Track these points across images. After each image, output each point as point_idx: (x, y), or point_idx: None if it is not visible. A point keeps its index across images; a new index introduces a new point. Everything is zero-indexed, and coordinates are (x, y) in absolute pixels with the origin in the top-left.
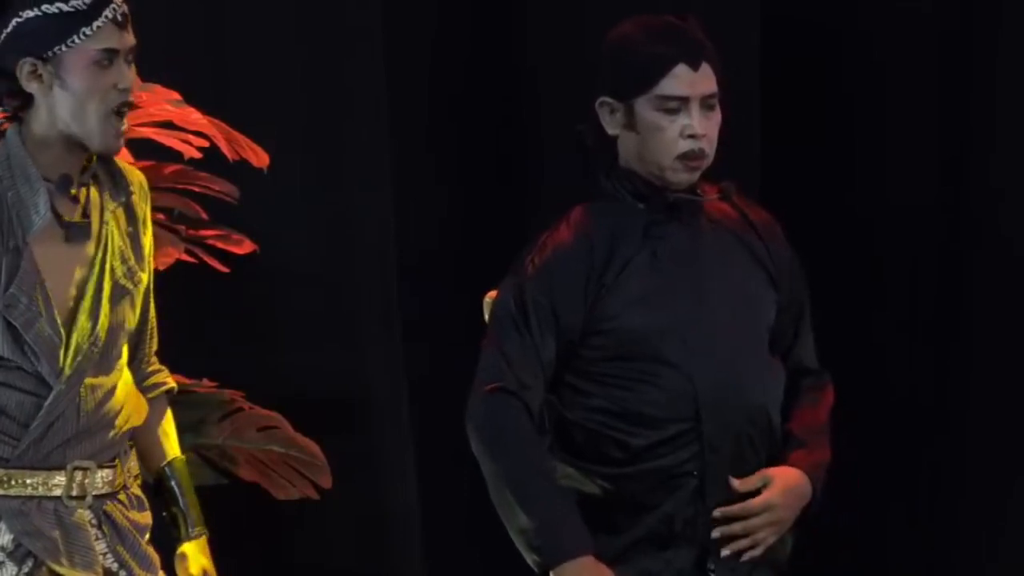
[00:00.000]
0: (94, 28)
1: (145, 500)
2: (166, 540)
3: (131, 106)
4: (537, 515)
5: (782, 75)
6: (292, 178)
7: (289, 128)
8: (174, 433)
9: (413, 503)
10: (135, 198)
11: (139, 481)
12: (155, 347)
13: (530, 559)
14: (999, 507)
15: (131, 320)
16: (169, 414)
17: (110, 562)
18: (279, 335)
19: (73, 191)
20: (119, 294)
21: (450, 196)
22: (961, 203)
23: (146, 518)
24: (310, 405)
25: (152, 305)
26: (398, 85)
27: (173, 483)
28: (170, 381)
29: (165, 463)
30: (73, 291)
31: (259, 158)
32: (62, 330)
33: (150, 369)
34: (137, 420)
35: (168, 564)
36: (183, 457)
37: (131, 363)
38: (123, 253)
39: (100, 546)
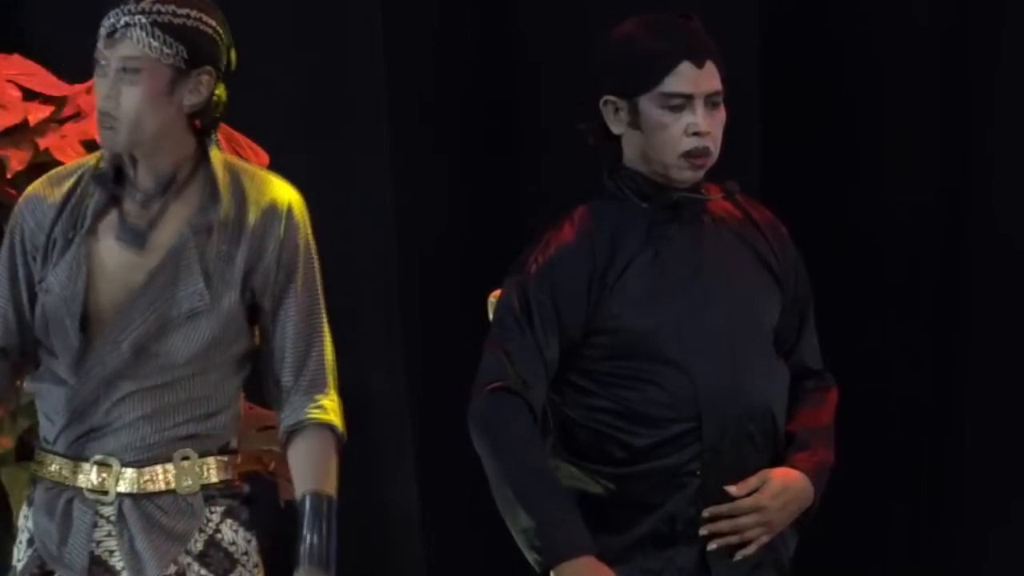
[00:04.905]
0: None
1: (196, 509)
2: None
3: None
4: (538, 515)
5: (782, 75)
6: (292, 178)
7: (289, 128)
8: (317, 468)
9: (413, 503)
10: (250, 216)
11: (194, 489)
12: (307, 376)
13: (531, 558)
14: (999, 507)
15: (194, 338)
16: (314, 448)
17: (115, 560)
18: None
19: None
20: (172, 311)
21: (451, 196)
22: (961, 203)
23: (187, 525)
24: None
25: (279, 331)
26: (398, 85)
27: (301, 516)
28: (325, 417)
29: (299, 495)
30: (121, 295)
31: (259, 158)
32: (79, 328)
33: (308, 400)
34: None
35: None
36: (319, 491)
37: (270, 389)
38: (192, 271)
39: (110, 543)
